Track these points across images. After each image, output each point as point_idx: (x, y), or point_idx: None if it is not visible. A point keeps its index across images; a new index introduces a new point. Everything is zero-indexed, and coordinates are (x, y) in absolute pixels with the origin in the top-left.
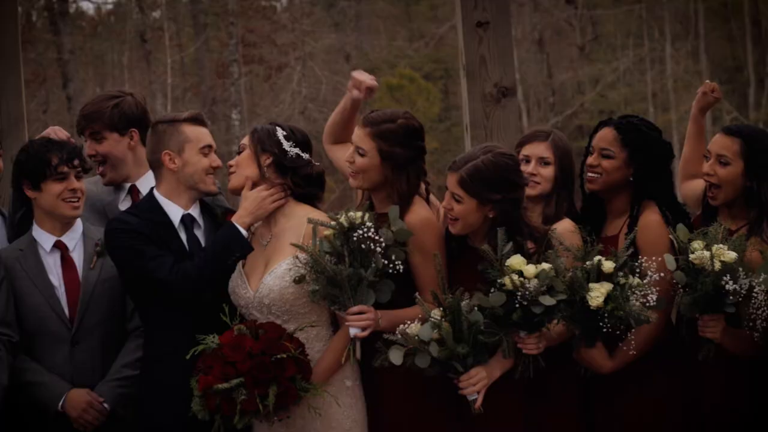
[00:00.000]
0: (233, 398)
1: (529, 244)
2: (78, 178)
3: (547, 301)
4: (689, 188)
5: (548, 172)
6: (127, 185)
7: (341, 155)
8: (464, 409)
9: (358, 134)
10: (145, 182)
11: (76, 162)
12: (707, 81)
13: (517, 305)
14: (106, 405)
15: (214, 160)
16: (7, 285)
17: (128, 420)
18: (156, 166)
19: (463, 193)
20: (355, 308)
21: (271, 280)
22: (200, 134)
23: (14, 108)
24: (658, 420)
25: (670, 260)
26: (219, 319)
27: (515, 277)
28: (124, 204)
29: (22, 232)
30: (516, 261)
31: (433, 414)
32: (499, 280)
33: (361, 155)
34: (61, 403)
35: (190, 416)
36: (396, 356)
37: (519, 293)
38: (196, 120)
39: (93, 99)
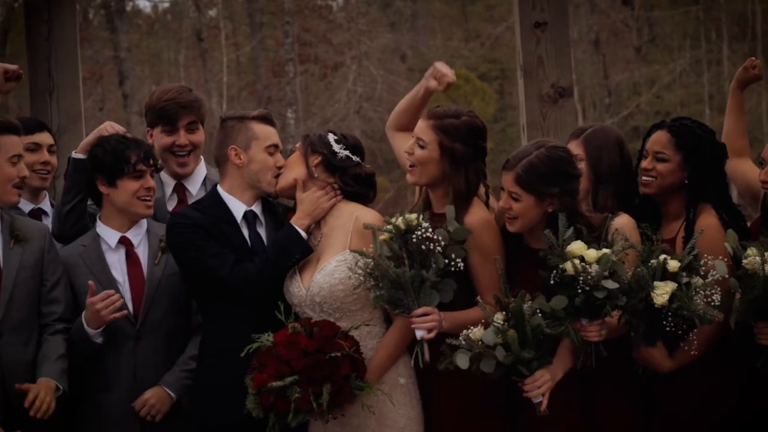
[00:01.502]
0: (287, 396)
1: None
2: (152, 176)
3: (610, 284)
4: (736, 170)
5: (581, 168)
6: (173, 182)
7: (402, 143)
8: (520, 408)
9: (421, 126)
10: (192, 180)
11: (151, 161)
12: (752, 58)
13: (579, 290)
14: (172, 394)
15: (279, 160)
16: (66, 281)
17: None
18: (222, 161)
19: (521, 190)
20: (420, 310)
21: (321, 277)
22: (268, 133)
23: (72, 105)
24: (709, 418)
25: (720, 267)
26: (275, 316)
27: (577, 262)
28: (171, 202)
29: (69, 226)
30: (577, 246)
31: (486, 412)
32: (560, 266)
33: (421, 147)
34: None
35: (245, 414)
36: (462, 360)
37: (581, 278)
38: (265, 119)
39: (169, 88)
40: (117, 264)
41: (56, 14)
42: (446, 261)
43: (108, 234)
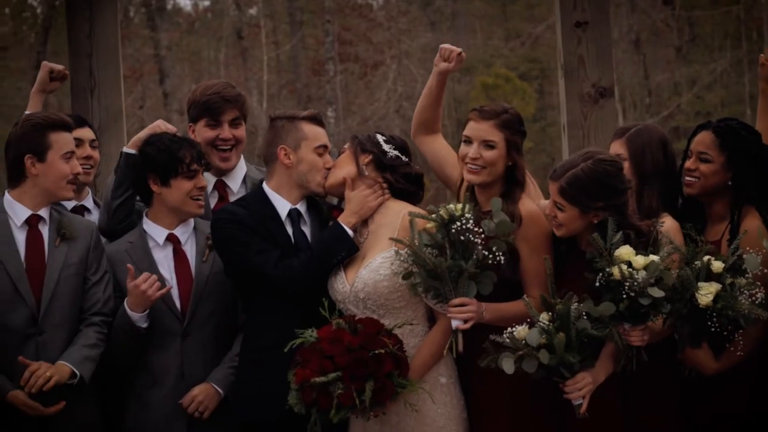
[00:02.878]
0: (330, 392)
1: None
2: (203, 176)
3: (656, 292)
4: None
5: (625, 168)
6: (214, 179)
7: (433, 148)
8: (561, 411)
9: (482, 128)
10: (233, 178)
11: (203, 160)
12: (761, 54)
13: (624, 296)
14: (220, 391)
15: (328, 161)
16: (110, 278)
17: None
18: (270, 160)
19: (565, 202)
20: (457, 300)
21: (366, 273)
22: (317, 133)
23: (113, 103)
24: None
25: (751, 261)
26: (318, 313)
27: (624, 267)
28: (212, 199)
29: (118, 221)
30: (625, 251)
31: (529, 414)
32: (607, 269)
33: (491, 147)
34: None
35: (287, 409)
36: (508, 365)
37: (627, 284)
38: (315, 119)
39: (213, 83)
40: (164, 261)
41: (98, 12)
42: (485, 253)
43: (155, 231)
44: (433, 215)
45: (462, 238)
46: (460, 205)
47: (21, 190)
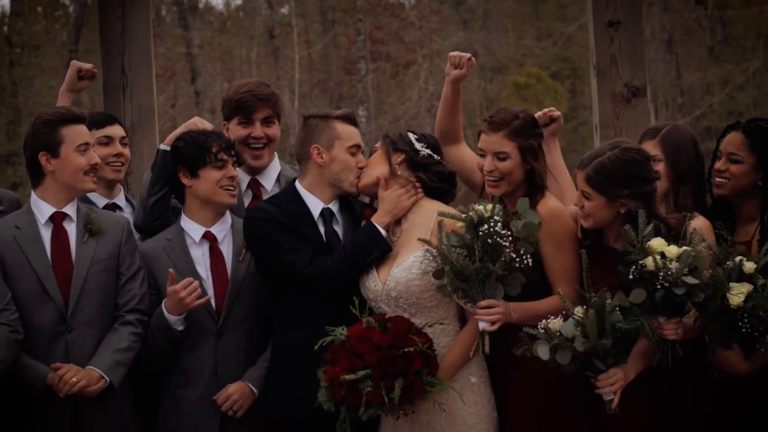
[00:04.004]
0: (359, 390)
1: None
2: (234, 167)
3: (690, 280)
4: None
5: (659, 169)
6: (248, 178)
7: (458, 157)
8: (592, 409)
9: (493, 141)
10: (266, 176)
11: (233, 151)
12: None
13: (659, 286)
14: (255, 390)
15: (361, 160)
16: (144, 274)
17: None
18: (303, 158)
19: (591, 190)
20: (484, 302)
21: (398, 272)
22: (351, 133)
23: (145, 102)
24: None
25: None
26: (349, 311)
27: (657, 257)
28: (245, 197)
29: (154, 217)
30: (658, 242)
31: (559, 413)
32: (640, 261)
33: (503, 159)
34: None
35: (316, 407)
36: (543, 351)
37: (661, 274)
38: (348, 119)
39: (247, 82)
40: (201, 259)
41: (130, 11)
42: (513, 256)
43: (192, 228)
44: (464, 215)
45: (490, 241)
46: (489, 206)
47: (43, 188)
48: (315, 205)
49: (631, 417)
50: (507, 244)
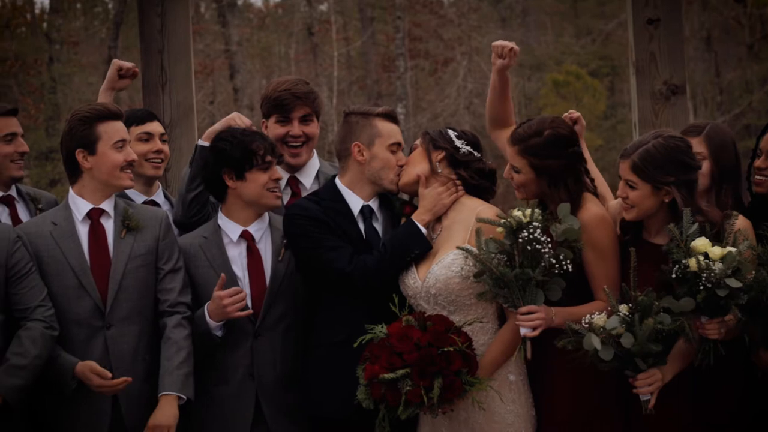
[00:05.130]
0: (398, 389)
1: None
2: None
3: (734, 283)
4: None
5: (704, 167)
6: (287, 176)
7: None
8: (630, 408)
9: (510, 152)
10: (305, 173)
11: (276, 152)
12: None
13: (701, 288)
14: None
15: (401, 158)
16: (185, 268)
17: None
18: (343, 155)
19: (637, 178)
20: (525, 308)
21: (438, 269)
22: (392, 130)
23: (184, 98)
24: None
25: None
26: (389, 308)
27: (701, 258)
28: (284, 195)
29: (193, 213)
30: (701, 243)
31: (597, 411)
32: (683, 261)
33: (516, 172)
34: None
35: (356, 404)
36: (595, 342)
37: (704, 275)
38: (389, 116)
39: (285, 80)
40: (237, 259)
41: (169, 8)
42: (552, 261)
43: (230, 227)
44: (502, 221)
45: (529, 247)
46: (528, 211)
47: (80, 185)
48: (355, 202)
49: (672, 418)
50: (546, 250)
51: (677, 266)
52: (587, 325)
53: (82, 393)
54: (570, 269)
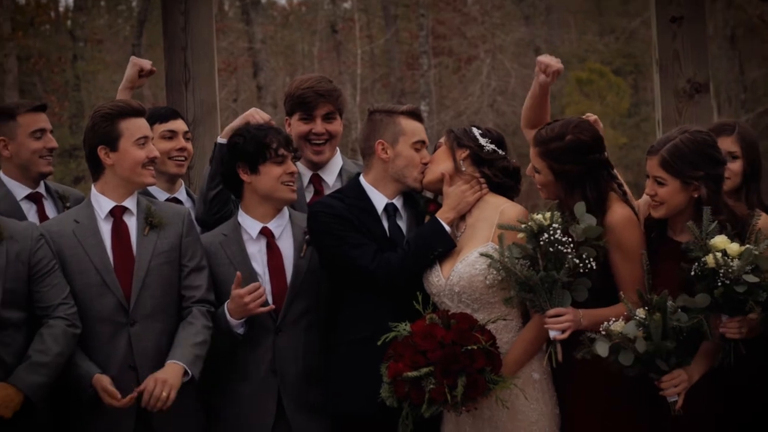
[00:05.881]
0: (422, 387)
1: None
2: (293, 162)
3: (751, 278)
4: None
5: (736, 166)
6: (309, 173)
7: None
8: (656, 409)
9: (532, 153)
10: (328, 171)
11: (292, 146)
12: None
13: (719, 284)
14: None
15: (425, 156)
16: (208, 265)
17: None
18: (367, 153)
19: (666, 174)
20: (552, 311)
21: (462, 267)
22: (416, 128)
23: (207, 96)
24: None
25: None
26: (413, 306)
27: (719, 255)
28: (307, 193)
29: (214, 211)
30: (720, 240)
31: (623, 411)
32: (702, 258)
33: (537, 172)
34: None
35: (379, 402)
36: (602, 348)
37: (722, 271)
38: (413, 114)
39: (309, 77)
40: (258, 255)
41: (192, 5)
42: (576, 261)
43: (249, 224)
44: (523, 226)
45: (551, 249)
46: (548, 214)
47: (102, 182)
48: (379, 200)
49: (698, 417)
50: (569, 250)
51: (696, 264)
52: (605, 333)
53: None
54: (594, 267)
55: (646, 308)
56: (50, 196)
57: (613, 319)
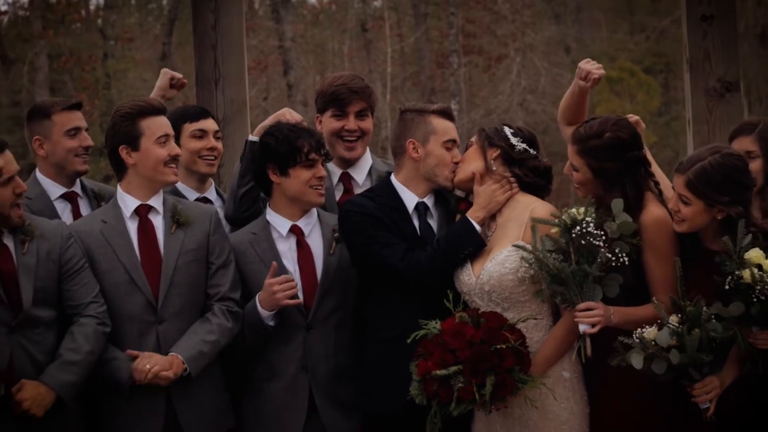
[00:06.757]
0: (451, 385)
1: None
2: (323, 165)
3: None
4: None
5: (756, 165)
6: (339, 172)
7: None
8: (688, 413)
9: (570, 150)
10: (358, 170)
11: (323, 150)
12: None
13: (755, 299)
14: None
15: (456, 155)
16: (235, 263)
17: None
18: (398, 152)
19: (691, 195)
20: (583, 305)
21: (492, 266)
22: (447, 128)
23: (237, 94)
24: None
25: None
26: (443, 304)
27: (755, 270)
28: (337, 191)
29: (244, 208)
30: (756, 254)
31: (654, 413)
32: (737, 272)
33: (575, 170)
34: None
35: (409, 400)
36: (637, 360)
37: (758, 287)
38: (444, 113)
39: (341, 75)
40: (288, 253)
41: (223, 3)
42: (609, 256)
43: (279, 222)
44: (557, 220)
45: (583, 242)
46: (582, 209)
47: (127, 182)
48: (410, 199)
49: (728, 423)
50: (601, 244)
51: (730, 277)
52: (638, 340)
53: (135, 390)
54: (626, 262)
55: (680, 315)
56: (86, 195)
57: (646, 326)
